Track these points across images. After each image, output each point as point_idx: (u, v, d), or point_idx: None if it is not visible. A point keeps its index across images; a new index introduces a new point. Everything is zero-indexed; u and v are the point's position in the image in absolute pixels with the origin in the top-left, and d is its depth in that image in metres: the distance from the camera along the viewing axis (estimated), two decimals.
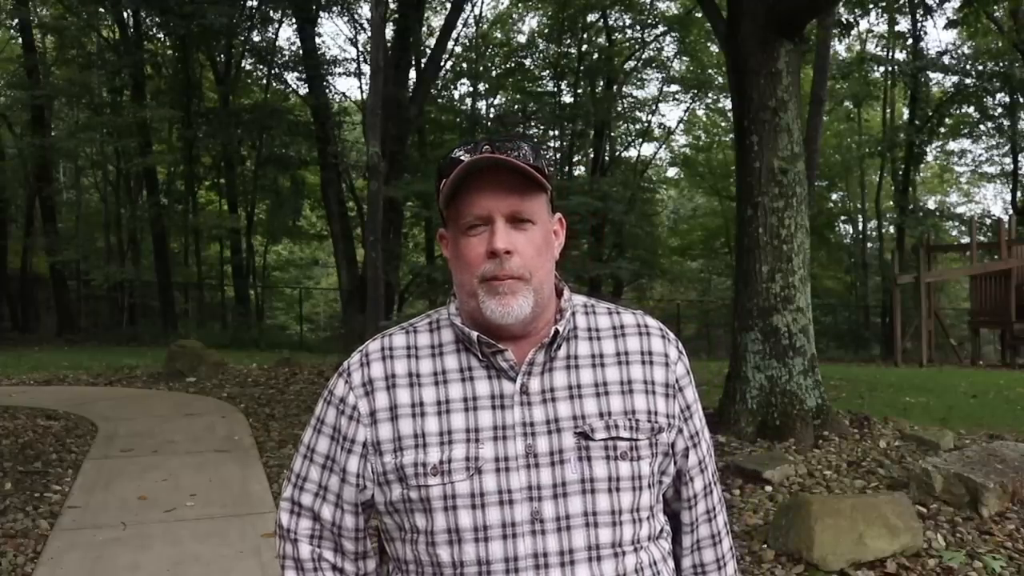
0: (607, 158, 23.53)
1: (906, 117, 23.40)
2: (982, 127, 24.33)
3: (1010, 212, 22.56)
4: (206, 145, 19.79)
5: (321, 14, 18.92)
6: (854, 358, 19.03)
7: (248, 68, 21.29)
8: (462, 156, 1.17)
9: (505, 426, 1.17)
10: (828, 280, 26.49)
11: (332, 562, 1.26)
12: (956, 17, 12.17)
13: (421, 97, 17.30)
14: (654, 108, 23.96)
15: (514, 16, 24.39)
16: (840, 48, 21.96)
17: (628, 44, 22.57)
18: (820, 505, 3.87)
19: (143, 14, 18.55)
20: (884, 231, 26.11)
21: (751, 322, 6.39)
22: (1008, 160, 24.23)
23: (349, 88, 66.71)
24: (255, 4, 18.63)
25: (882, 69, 22.68)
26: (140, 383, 10.08)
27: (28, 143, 19.17)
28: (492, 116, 22.07)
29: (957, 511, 4.35)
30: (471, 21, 22.51)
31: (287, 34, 35.86)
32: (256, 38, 20.00)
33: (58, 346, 16.41)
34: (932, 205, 29.64)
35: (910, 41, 20.91)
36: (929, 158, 26.74)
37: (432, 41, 19.35)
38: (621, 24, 21.99)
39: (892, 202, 24.82)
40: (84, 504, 4.93)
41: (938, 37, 48.70)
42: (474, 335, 1.20)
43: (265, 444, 6.50)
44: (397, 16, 17.06)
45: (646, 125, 24.05)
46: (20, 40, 20.57)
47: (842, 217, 27.35)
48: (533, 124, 21.56)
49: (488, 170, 1.16)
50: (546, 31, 22.64)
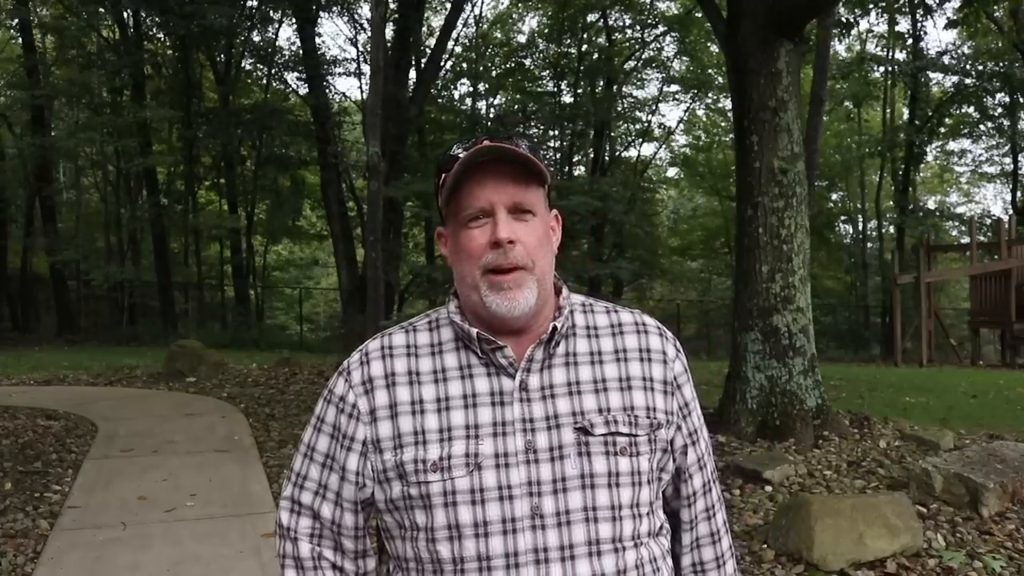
0: (607, 158, 23.53)
1: (906, 117, 23.41)
2: (982, 127, 24.34)
3: (1010, 212, 22.57)
4: (206, 145, 19.79)
5: (321, 14, 18.93)
6: (854, 358, 19.03)
7: (248, 68, 21.29)
8: (460, 153, 1.18)
9: (505, 422, 1.18)
10: (828, 280, 26.49)
11: (332, 560, 1.27)
12: (956, 17, 12.15)
13: (421, 97, 17.30)
14: (654, 108, 24.00)
15: (514, 16, 24.42)
16: (840, 48, 21.99)
17: (628, 44, 22.57)
18: (820, 505, 3.87)
19: (143, 14, 18.56)
20: (884, 231, 26.12)
21: (751, 322, 6.39)
22: (1008, 160, 24.24)
23: (349, 88, 66.78)
24: (255, 4, 18.63)
25: (882, 69, 22.68)
26: (140, 383, 10.08)
27: (28, 143, 19.16)
28: (492, 116, 22.06)
29: (957, 511, 4.35)
30: (471, 21, 22.56)
31: (287, 34, 35.89)
32: (256, 38, 20.03)
33: (58, 346, 16.41)
34: (932, 205, 29.66)
35: (910, 41, 20.91)
36: (929, 158, 26.77)
37: (432, 41, 19.35)
38: (621, 24, 22.00)
39: (892, 202, 24.82)
40: (84, 504, 4.93)
41: (938, 37, 48.76)
42: (474, 332, 1.20)
43: (265, 444, 6.50)
44: (397, 16, 17.06)
45: (646, 125, 24.06)
46: (20, 40, 20.57)
47: (842, 217, 27.36)
48: (533, 124, 21.54)
49: (488, 163, 1.17)
50: (546, 31, 22.64)
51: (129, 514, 4.73)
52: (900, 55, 22.56)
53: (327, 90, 19.31)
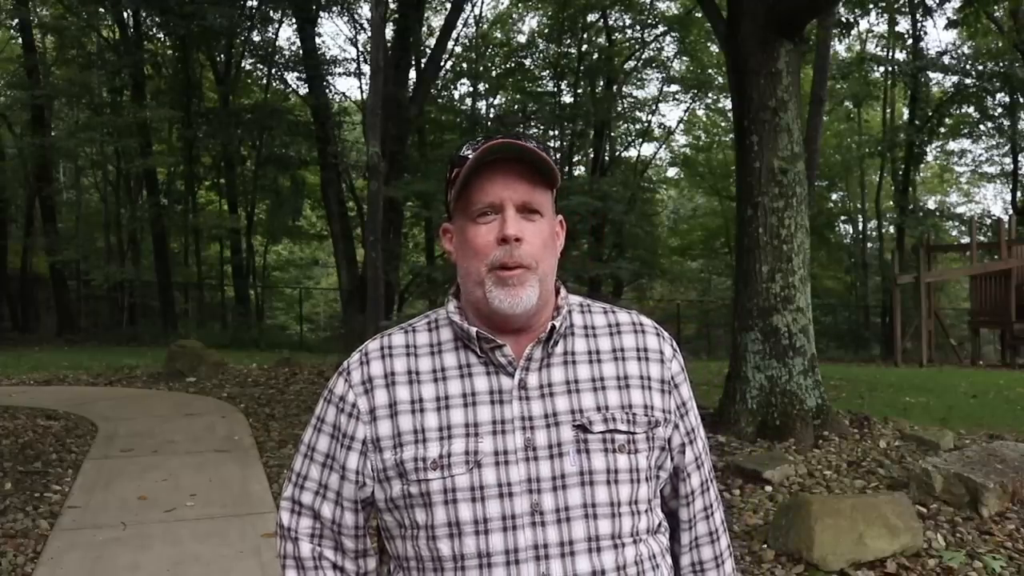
0: (607, 158, 23.53)
1: (906, 117, 23.40)
2: (982, 127, 24.33)
3: (1010, 212, 22.57)
4: (206, 145, 19.79)
5: (321, 14, 18.93)
6: (854, 358, 19.03)
7: (248, 68, 21.29)
8: (471, 153, 1.20)
9: (504, 420, 1.19)
10: (828, 280, 26.49)
11: (333, 560, 1.27)
12: (956, 17, 12.16)
13: (421, 97, 17.30)
14: (654, 108, 23.99)
15: (514, 16, 24.42)
16: (840, 48, 21.99)
17: (628, 44, 22.57)
18: (820, 505, 3.87)
19: (143, 14, 18.55)
20: (884, 231, 26.12)
21: (751, 322, 6.40)
22: (1008, 160, 24.24)
23: (349, 88, 66.78)
24: (255, 4, 18.63)
25: (882, 69, 22.67)
26: (140, 383, 10.08)
27: (28, 143, 19.17)
28: (492, 116, 22.06)
29: (957, 511, 4.35)
30: (471, 21, 22.56)
31: (287, 34, 35.89)
32: (256, 38, 20.03)
33: (58, 346, 16.41)
34: (932, 205, 29.66)
35: (910, 41, 20.91)
36: (929, 158, 26.76)
37: (432, 41, 19.35)
38: (621, 24, 21.99)
39: (892, 202, 24.82)
40: (84, 504, 4.93)
41: (938, 37, 48.75)
42: (473, 331, 1.21)
43: (265, 444, 6.50)
44: (397, 16, 17.06)
45: (646, 125, 24.05)
46: (20, 40, 20.56)
47: (842, 217, 27.36)
48: (533, 124, 21.53)
49: (502, 160, 1.19)
50: (546, 31, 22.64)
51: (129, 514, 4.73)
52: (900, 55, 22.58)
53: (327, 90, 19.32)
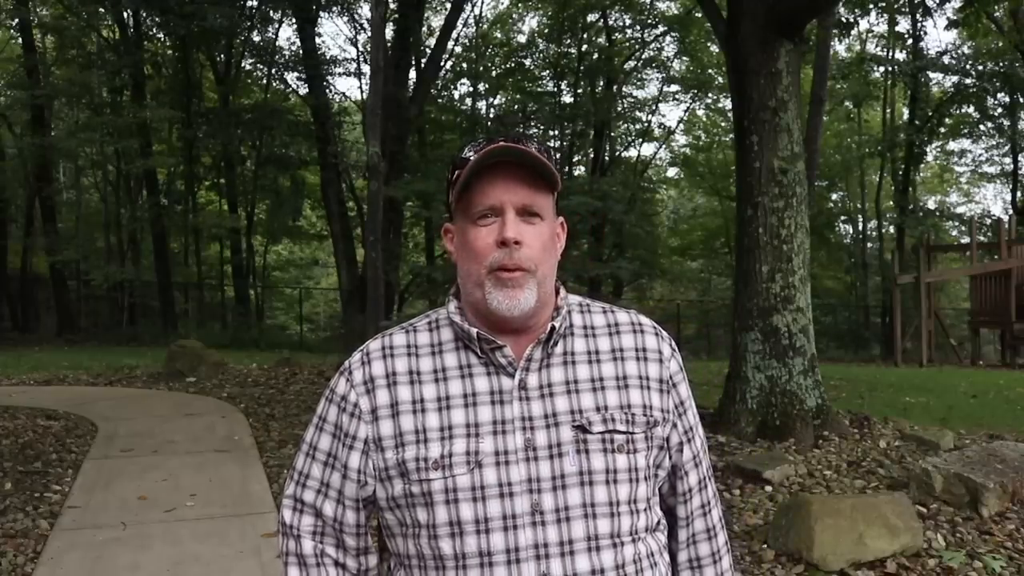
0: (607, 158, 23.53)
1: (906, 117, 23.41)
2: (982, 127, 24.34)
3: (1010, 212, 22.57)
4: (206, 145, 19.78)
5: (321, 14, 18.92)
6: (854, 358, 19.03)
7: (248, 68, 21.29)
8: (472, 155, 1.21)
9: (504, 420, 1.19)
10: (828, 280, 26.49)
11: (334, 558, 1.28)
12: (956, 17, 12.16)
13: (421, 97, 17.30)
14: (654, 108, 23.99)
15: (514, 16, 24.42)
16: (840, 48, 21.97)
17: (628, 44, 22.57)
18: (820, 505, 3.87)
19: (143, 14, 18.55)
20: (884, 231, 26.12)
21: (751, 322, 6.40)
22: (1008, 160, 24.25)
23: (349, 88, 66.77)
24: (255, 4, 18.63)
25: (882, 69, 22.67)
26: (140, 383, 10.08)
27: (28, 143, 19.16)
28: (492, 116, 22.06)
29: (957, 511, 4.35)
30: (471, 21, 22.56)
31: (287, 34, 35.89)
32: (256, 38, 20.01)
33: (58, 346, 16.40)
34: (932, 205, 29.66)
35: (910, 41, 20.91)
36: (929, 158, 26.77)
37: (432, 41, 19.34)
38: (621, 24, 22.00)
39: (892, 202, 24.82)
40: (84, 504, 4.93)
41: (938, 37, 48.72)
42: (474, 332, 1.22)
43: (265, 444, 6.50)
44: (397, 16, 17.06)
45: (646, 125, 24.06)
46: (20, 40, 20.56)
47: (842, 217, 27.36)
48: (533, 124, 21.52)
49: (503, 163, 1.19)
50: (546, 31, 22.64)
51: (129, 514, 4.73)
52: (900, 55, 22.58)
53: (327, 90, 19.32)
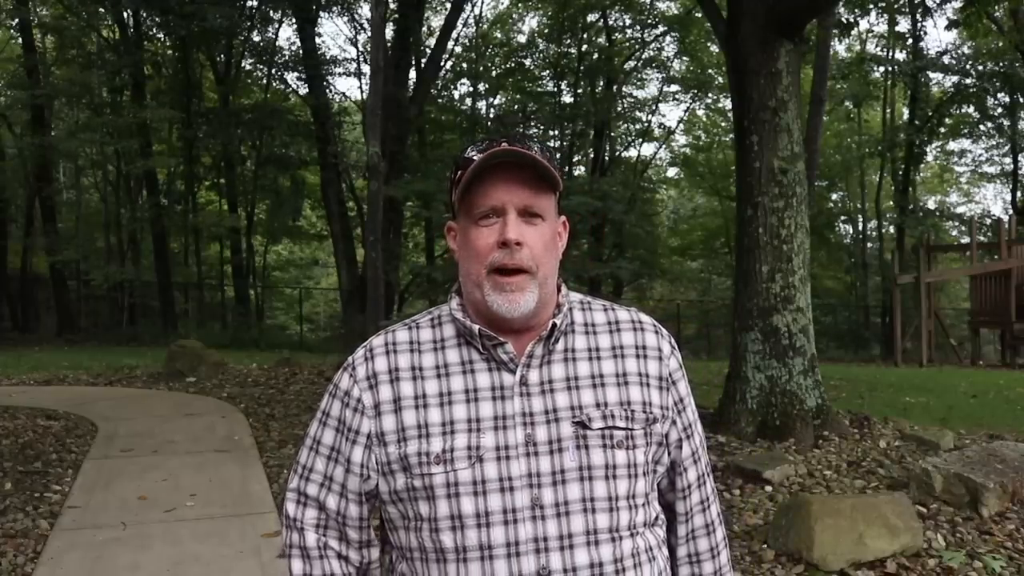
0: (607, 158, 23.53)
1: (906, 117, 23.40)
2: (982, 127, 24.33)
3: (1010, 212, 22.56)
4: (206, 145, 19.78)
5: (321, 14, 18.93)
6: (854, 358, 19.03)
7: (248, 68, 21.28)
8: (475, 155, 1.22)
9: (505, 416, 1.21)
10: (828, 280, 26.49)
11: (337, 550, 1.30)
12: (956, 17, 12.15)
13: (421, 97, 17.31)
14: (654, 108, 23.99)
15: (514, 16, 24.41)
16: (840, 48, 21.97)
17: (628, 44, 22.57)
18: (820, 505, 3.87)
19: (143, 14, 18.55)
20: (884, 231, 26.12)
21: (751, 322, 6.39)
22: (1008, 160, 24.25)
23: (349, 88, 66.78)
24: (255, 4, 18.63)
25: (882, 69, 22.68)
26: (140, 383, 10.07)
27: (28, 143, 19.17)
28: (492, 116, 22.06)
29: (957, 511, 4.35)
30: (471, 21, 22.56)
31: (287, 34, 35.88)
32: (256, 38, 20.01)
33: (58, 346, 16.40)
34: (932, 205, 29.66)
35: (910, 41, 20.90)
36: (929, 158, 26.76)
37: (432, 41, 19.36)
38: (621, 24, 21.99)
39: (892, 202, 24.82)
40: (84, 504, 4.93)
41: (938, 37, 48.70)
42: (476, 328, 1.23)
43: (265, 444, 6.50)
44: (397, 16, 17.06)
45: (646, 125, 24.05)
46: (20, 40, 20.56)
47: (842, 217, 27.35)
48: (533, 124, 21.53)
49: (503, 164, 1.20)
50: (546, 31, 22.63)
51: (129, 514, 4.73)
52: (900, 55, 22.57)
53: (327, 90, 19.33)
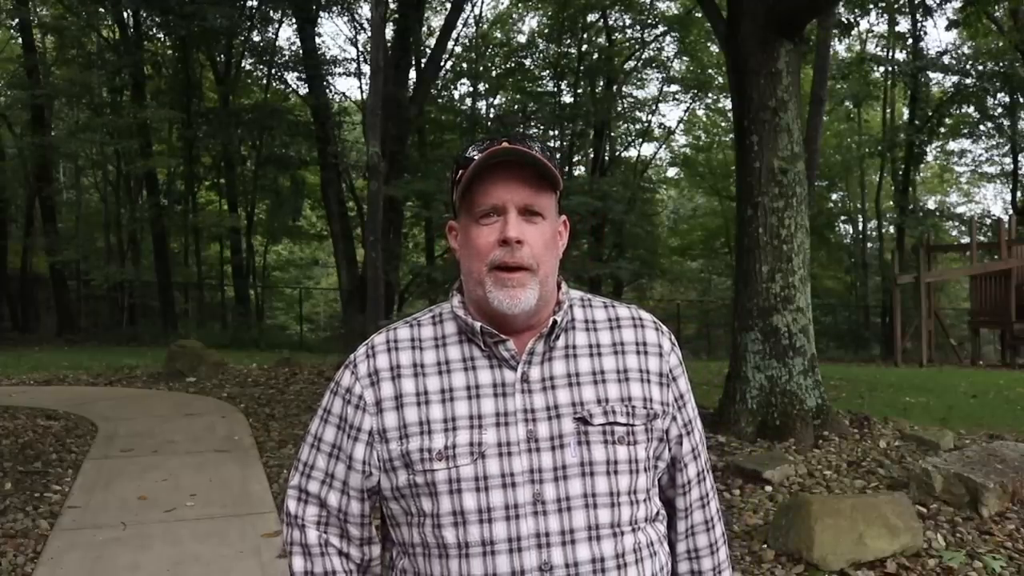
0: (607, 158, 23.53)
1: (906, 117, 23.40)
2: (982, 127, 24.33)
3: (1010, 212, 22.56)
4: (206, 145, 19.79)
5: (321, 14, 18.94)
6: (854, 358, 19.03)
7: (248, 68, 21.28)
8: (478, 152, 1.22)
9: (507, 412, 1.22)
10: (828, 280, 26.49)
11: (338, 547, 1.30)
12: (956, 17, 12.15)
13: (421, 97, 17.31)
14: (654, 108, 24.00)
15: (514, 16, 24.42)
16: (840, 48, 21.97)
17: (628, 44, 22.57)
18: (820, 505, 3.87)
19: (143, 14, 18.55)
20: (884, 231, 26.12)
21: (751, 322, 6.39)
22: (1008, 160, 24.25)
23: (349, 88, 66.75)
24: (255, 4, 18.63)
25: (882, 69, 22.67)
26: (140, 383, 10.07)
27: (28, 143, 19.17)
28: (492, 116, 22.06)
29: (957, 511, 4.35)
30: (471, 21, 22.56)
31: (287, 34, 35.87)
32: (256, 38, 20.02)
33: (58, 346, 16.40)
34: (932, 205, 29.66)
35: (910, 41, 20.90)
36: (929, 158, 26.75)
37: (432, 41, 19.36)
38: (621, 24, 22.00)
39: (892, 202, 24.82)
40: (84, 504, 4.93)
41: (938, 37, 48.68)
42: (477, 325, 1.24)
43: (265, 444, 6.50)
44: (397, 16, 17.07)
45: (646, 125, 24.06)
46: (20, 40, 20.56)
47: (842, 217, 27.36)
48: (533, 124, 21.54)
49: (504, 163, 1.21)
50: (546, 31, 22.64)
51: (129, 514, 4.73)
52: (900, 55, 22.57)
53: (327, 90, 19.33)
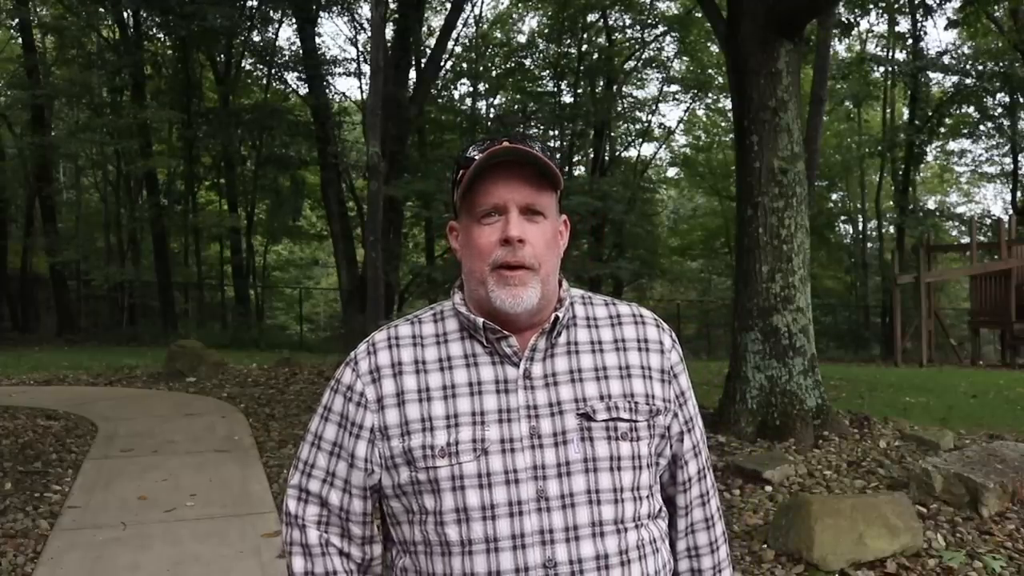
0: (607, 158, 23.53)
1: (906, 117, 23.40)
2: (982, 127, 24.33)
3: (1010, 212, 22.56)
4: (206, 145, 19.79)
5: (321, 14, 18.93)
6: (854, 358, 19.03)
7: (248, 68, 21.29)
8: (478, 152, 1.22)
9: (510, 409, 1.21)
10: (828, 280, 26.49)
11: (339, 547, 1.29)
12: (956, 17, 12.15)
13: (421, 97, 17.30)
14: (654, 108, 23.99)
15: (514, 16, 24.42)
16: (840, 48, 21.97)
17: (628, 44, 22.57)
18: (820, 505, 3.87)
19: (143, 14, 18.55)
20: (884, 231, 26.13)
21: (751, 322, 6.39)
22: (1008, 160, 24.24)
23: (349, 88, 66.75)
24: (255, 4, 18.63)
25: (882, 69, 22.67)
26: (140, 383, 10.07)
27: (28, 143, 19.17)
28: (492, 116, 22.06)
29: (957, 511, 4.35)
30: (471, 21, 22.56)
31: (287, 34, 35.92)
32: (256, 38, 20.02)
33: (58, 346, 16.40)
34: (932, 205, 29.66)
35: (910, 41, 20.90)
36: (929, 158, 26.76)
37: (432, 41, 19.35)
38: (621, 24, 22.00)
39: (892, 202, 24.82)
40: (84, 504, 4.93)
41: (938, 37, 48.69)
42: (480, 321, 1.24)
43: (265, 444, 6.50)
44: (397, 16, 17.06)
45: (646, 125, 24.06)
46: (20, 40, 20.56)
47: (842, 217, 27.36)
48: (533, 124, 21.54)
49: (505, 163, 1.21)
50: (546, 31, 22.63)
51: (129, 514, 4.73)
52: (900, 55, 22.57)
53: (327, 90, 19.32)
